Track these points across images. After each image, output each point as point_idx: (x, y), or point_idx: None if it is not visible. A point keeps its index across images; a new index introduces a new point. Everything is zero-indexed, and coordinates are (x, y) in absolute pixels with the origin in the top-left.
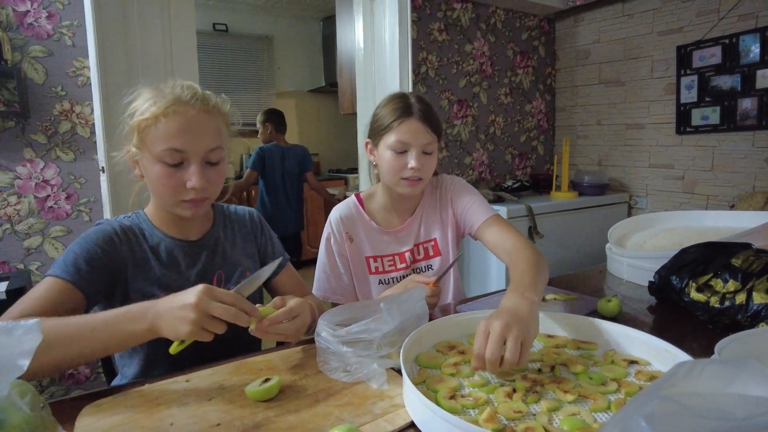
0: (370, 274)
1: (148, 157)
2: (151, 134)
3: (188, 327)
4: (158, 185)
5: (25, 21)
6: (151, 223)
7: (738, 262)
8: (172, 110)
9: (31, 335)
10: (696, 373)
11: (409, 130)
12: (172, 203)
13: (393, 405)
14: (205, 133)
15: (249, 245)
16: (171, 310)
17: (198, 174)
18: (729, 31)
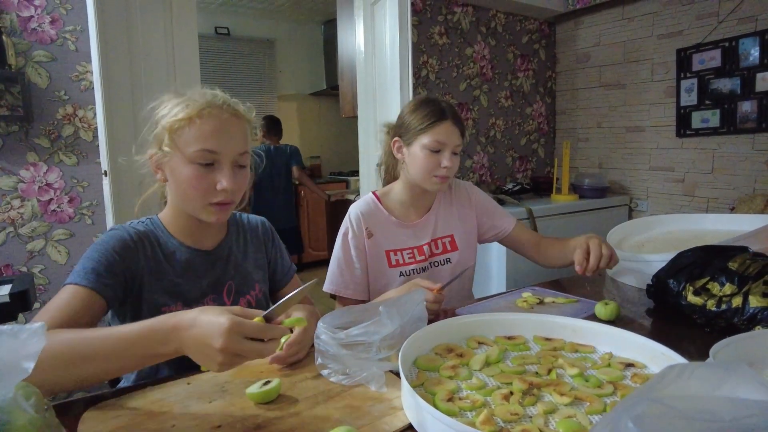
0: (390, 267)
1: (179, 158)
2: (184, 135)
3: (218, 367)
4: (188, 187)
5: (29, 26)
6: (167, 230)
7: (735, 266)
8: (206, 112)
9: (36, 338)
10: (686, 376)
11: (445, 131)
12: (199, 206)
13: (391, 407)
14: (236, 136)
15: (260, 255)
16: (197, 347)
17: (229, 176)
18: (729, 35)
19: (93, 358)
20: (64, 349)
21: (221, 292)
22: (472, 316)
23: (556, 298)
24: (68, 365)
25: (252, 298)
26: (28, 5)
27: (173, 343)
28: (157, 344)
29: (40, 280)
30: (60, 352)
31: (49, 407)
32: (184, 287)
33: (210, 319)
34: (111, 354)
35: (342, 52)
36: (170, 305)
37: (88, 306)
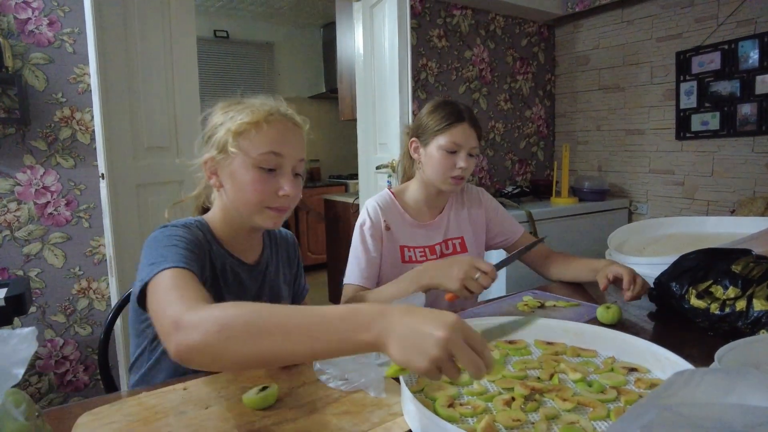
0: (403, 262)
1: (241, 162)
2: (250, 138)
3: (425, 363)
4: (249, 190)
5: (26, 28)
6: (215, 237)
7: (738, 269)
8: (273, 118)
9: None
10: (694, 382)
11: (462, 133)
12: (257, 211)
13: (391, 413)
14: (298, 144)
15: (287, 271)
16: (410, 334)
17: (291, 182)
18: (728, 37)
19: (286, 332)
20: (256, 318)
21: None
22: (472, 320)
23: (557, 301)
24: (256, 336)
25: None
26: (26, 7)
27: (377, 328)
28: (358, 328)
29: (37, 283)
30: (250, 322)
31: (41, 414)
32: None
33: (432, 311)
34: (305, 330)
35: (341, 55)
36: None
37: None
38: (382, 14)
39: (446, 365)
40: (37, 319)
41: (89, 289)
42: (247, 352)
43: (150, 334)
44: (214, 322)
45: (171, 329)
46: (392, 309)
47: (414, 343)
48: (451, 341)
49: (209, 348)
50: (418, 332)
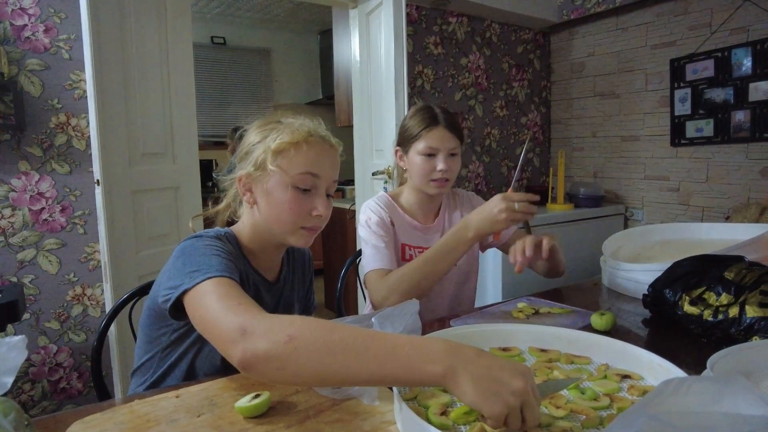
0: (403, 260)
1: (279, 180)
2: (289, 158)
3: (500, 408)
4: (285, 209)
5: (23, 34)
6: (242, 252)
7: (731, 275)
8: (313, 140)
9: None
10: (683, 390)
11: (437, 136)
12: (291, 230)
13: (383, 421)
14: (333, 165)
15: (301, 288)
16: (486, 376)
17: (325, 202)
18: (721, 45)
19: (355, 354)
20: (325, 334)
21: None
22: (466, 327)
23: (551, 308)
24: (324, 353)
25: None
26: (22, 14)
27: (448, 363)
28: (429, 359)
29: (30, 290)
30: (319, 337)
31: (30, 423)
32: None
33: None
34: (373, 355)
35: (338, 62)
36: None
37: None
38: (378, 21)
39: (515, 414)
40: (30, 326)
41: (84, 295)
42: (311, 367)
43: (164, 342)
44: (283, 332)
45: (237, 336)
46: (464, 347)
47: (490, 387)
48: (527, 393)
49: (276, 358)
50: (495, 377)
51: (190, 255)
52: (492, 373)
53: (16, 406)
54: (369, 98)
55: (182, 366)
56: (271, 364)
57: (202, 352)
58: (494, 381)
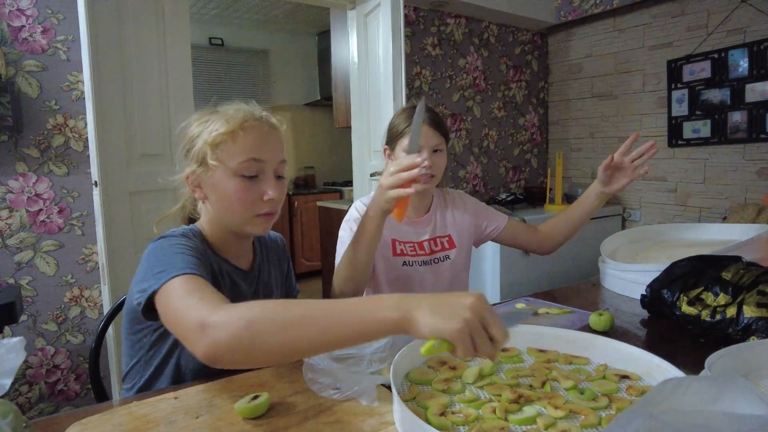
0: (394, 255)
1: (223, 172)
2: (228, 148)
3: (459, 324)
4: (234, 200)
5: (20, 36)
6: (209, 243)
7: (728, 276)
8: (248, 125)
9: (14, 354)
10: (682, 390)
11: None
12: (246, 219)
13: (383, 422)
14: (276, 146)
15: (278, 273)
16: (439, 303)
17: (274, 185)
18: (718, 46)
19: (314, 321)
20: (281, 311)
21: None
22: None
23: (549, 308)
24: (283, 328)
25: None
26: (20, 15)
27: (403, 307)
28: (384, 308)
29: (28, 291)
30: (276, 315)
31: (29, 425)
32: None
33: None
34: (331, 317)
35: (336, 63)
36: None
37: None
38: (376, 22)
39: (478, 332)
40: (28, 328)
41: (81, 297)
42: (276, 344)
43: (146, 345)
44: (241, 318)
45: (197, 331)
46: (414, 294)
47: (444, 310)
48: (481, 307)
49: (239, 344)
50: (446, 302)
51: (156, 256)
52: (444, 299)
53: (15, 408)
54: (367, 99)
55: (169, 366)
56: (236, 352)
57: (185, 350)
58: (447, 305)
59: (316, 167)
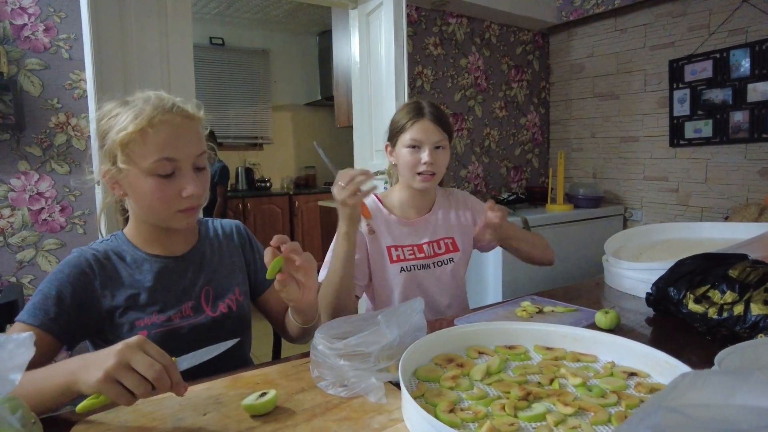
0: (392, 262)
1: (136, 172)
2: (138, 148)
3: (100, 373)
4: (151, 199)
5: (22, 34)
6: (132, 243)
7: (735, 273)
8: (158, 120)
9: (23, 349)
10: (699, 384)
11: (422, 128)
12: (167, 216)
13: (391, 419)
14: (192, 139)
15: (237, 259)
16: (92, 360)
17: (192, 181)
18: (720, 46)
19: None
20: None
21: (199, 298)
22: (471, 326)
23: (555, 307)
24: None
25: (232, 301)
26: (22, 13)
27: (68, 368)
28: (48, 378)
29: (29, 290)
30: None
31: (37, 421)
32: (157, 298)
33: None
34: (32, 385)
35: (337, 63)
36: (144, 318)
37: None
38: (378, 22)
39: (124, 375)
40: None
41: None
42: None
43: None
44: None
45: None
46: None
47: (92, 363)
48: (125, 351)
49: None
50: (99, 354)
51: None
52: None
53: (23, 404)
54: (369, 99)
55: None
56: None
57: None
58: (96, 357)
59: (317, 167)
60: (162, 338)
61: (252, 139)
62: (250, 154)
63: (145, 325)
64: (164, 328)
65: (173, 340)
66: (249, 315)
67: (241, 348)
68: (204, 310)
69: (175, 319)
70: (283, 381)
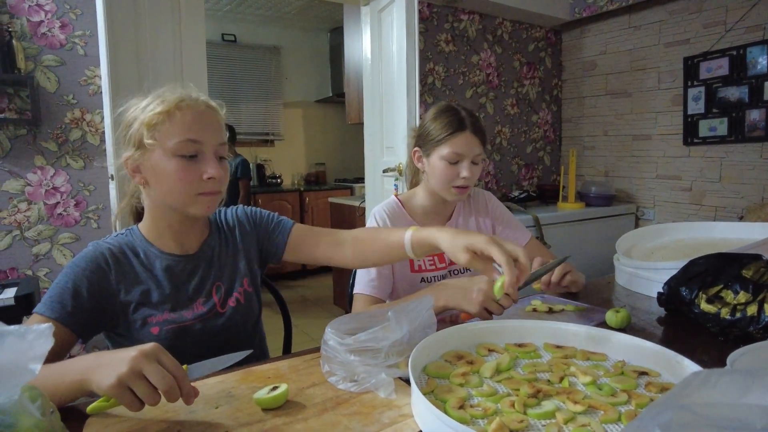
0: (412, 272)
1: (160, 153)
2: (164, 128)
3: (113, 379)
4: (174, 180)
5: (39, 31)
6: (146, 239)
7: (749, 274)
8: (185, 104)
9: (43, 339)
10: (711, 383)
11: (463, 142)
12: (188, 199)
13: (401, 415)
14: (215, 127)
15: (249, 239)
16: (106, 362)
17: (214, 164)
18: (736, 43)
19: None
20: None
21: (210, 294)
22: (481, 323)
23: (565, 305)
24: None
25: (240, 294)
26: (39, 10)
27: (81, 366)
28: (64, 374)
29: (45, 283)
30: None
31: (55, 410)
32: (170, 296)
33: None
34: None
35: (348, 59)
36: (156, 315)
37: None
38: (390, 18)
39: (136, 383)
40: None
41: None
42: None
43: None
44: None
45: None
46: (107, 351)
47: (106, 366)
48: (139, 359)
49: None
50: (114, 357)
51: (61, 273)
52: (111, 356)
53: (42, 393)
54: (380, 95)
55: None
56: None
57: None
58: (110, 360)
59: (327, 163)
60: (174, 335)
61: (263, 136)
62: (261, 151)
63: (157, 322)
64: (176, 325)
65: (185, 337)
66: (258, 305)
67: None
68: (215, 307)
69: (187, 317)
70: (294, 375)
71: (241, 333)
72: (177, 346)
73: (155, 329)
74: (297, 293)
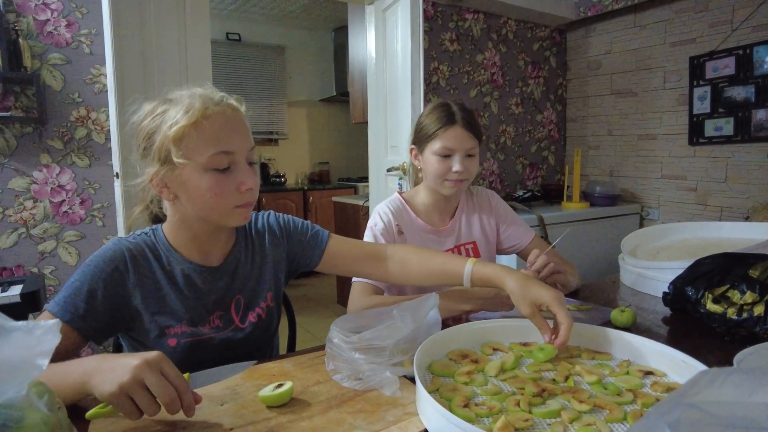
0: None
1: (192, 169)
2: (193, 142)
3: (114, 387)
4: (209, 196)
5: (45, 29)
6: (169, 243)
7: (756, 274)
8: (211, 111)
9: (50, 335)
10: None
11: (453, 136)
12: (223, 214)
13: (406, 413)
14: (243, 131)
15: (279, 256)
16: (109, 368)
17: (250, 173)
18: (743, 42)
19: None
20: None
21: (229, 308)
22: (486, 322)
23: (570, 305)
24: None
25: (262, 310)
26: (45, 9)
27: (82, 369)
28: (66, 375)
29: (51, 281)
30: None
31: (62, 406)
32: (188, 305)
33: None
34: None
35: (353, 58)
36: (173, 326)
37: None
38: (394, 18)
39: (136, 392)
40: None
41: None
42: None
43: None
44: None
45: None
46: (110, 355)
47: (108, 372)
48: (141, 368)
49: None
50: (116, 362)
51: (80, 269)
52: (113, 361)
53: (49, 389)
54: (384, 94)
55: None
56: None
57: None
58: (112, 366)
59: (331, 163)
60: (190, 348)
61: (267, 135)
62: (265, 150)
63: (175, 333)
64: (193, 338)
65: (201, 351)
66: (277, 321)
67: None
68: (233, 321)
69: (205, 330)
70: (299, 373)
71: (259, 346)
72: (195, 358)
73: (173, 341)
74: (300, 292)
